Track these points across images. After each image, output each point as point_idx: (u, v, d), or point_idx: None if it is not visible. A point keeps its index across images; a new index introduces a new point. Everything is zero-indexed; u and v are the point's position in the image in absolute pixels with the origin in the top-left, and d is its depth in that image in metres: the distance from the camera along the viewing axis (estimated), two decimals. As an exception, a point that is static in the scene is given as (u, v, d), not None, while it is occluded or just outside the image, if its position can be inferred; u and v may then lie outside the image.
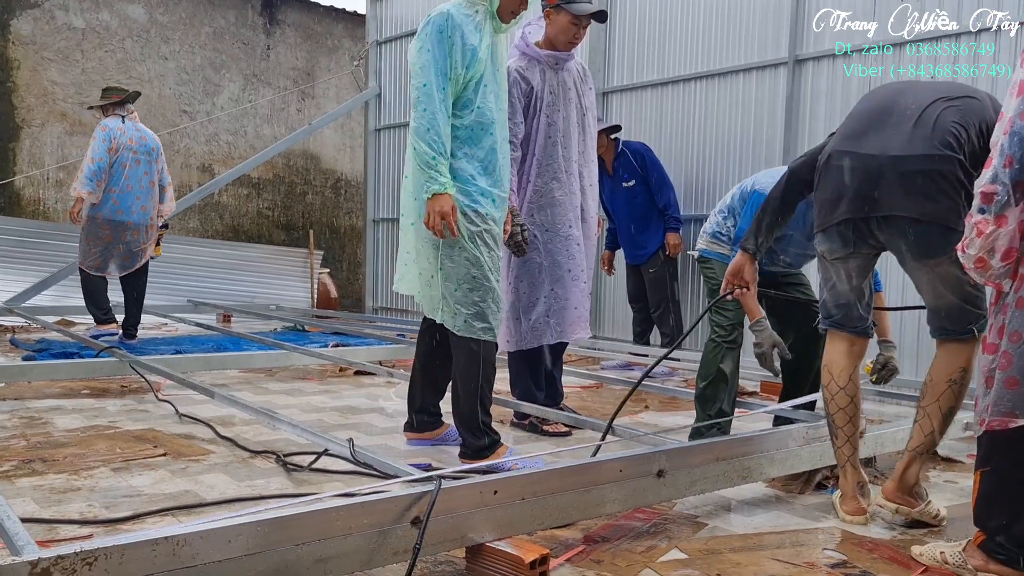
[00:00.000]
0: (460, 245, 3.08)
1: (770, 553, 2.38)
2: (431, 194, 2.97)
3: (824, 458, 3.00)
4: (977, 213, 2.03)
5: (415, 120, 2.99)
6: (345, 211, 12.26)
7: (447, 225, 2.98)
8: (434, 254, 3.12)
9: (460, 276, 3.09)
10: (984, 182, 2.01)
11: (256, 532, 1.75)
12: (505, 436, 3.51)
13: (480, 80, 3.09)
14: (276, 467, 3.15)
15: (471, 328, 3.11)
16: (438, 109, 2.98)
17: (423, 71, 2.99)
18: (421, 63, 3.00)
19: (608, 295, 7.30)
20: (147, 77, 10.45)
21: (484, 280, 3.11)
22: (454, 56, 3.01)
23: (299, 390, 4.97)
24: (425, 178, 2.98)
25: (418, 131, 2.98)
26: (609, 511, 2.45)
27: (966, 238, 2.06)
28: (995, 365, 2.08)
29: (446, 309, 3.13)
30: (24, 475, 2.95)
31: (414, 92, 3.00)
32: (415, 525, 1.98)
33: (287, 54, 11.56)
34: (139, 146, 6.32)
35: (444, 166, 2.98)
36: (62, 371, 4.52)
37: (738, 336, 3.53)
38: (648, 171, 5.93)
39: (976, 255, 2.03)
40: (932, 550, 2.29)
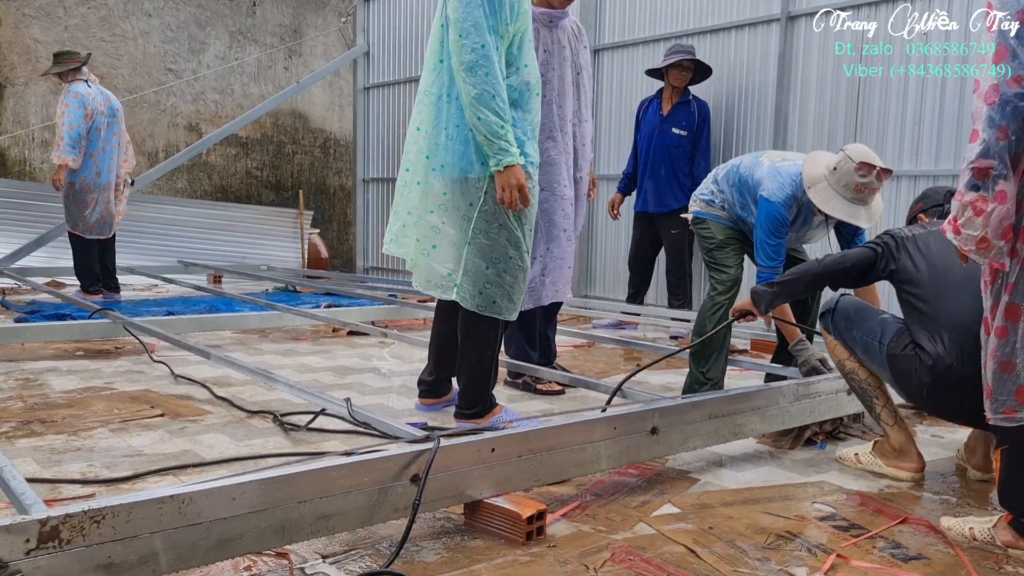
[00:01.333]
0: (502, 222, 2.91)
1: (761, 507, 2.43)
2: (504, 167, 2.80)
3: (814, 414, 3.06)
4: (970, 191, 1.90)
5: (475, 86, 2.75)
6: (334, 171, 12.17)
7: (522, 198, 2.83)
8: (464, 225, 2.93)
9: (496, 255, 2.93)
10: (975, 156, 1.88)
11: (259, 490, 1.78)
12: (499, 395, 3.55)
13: (523, 35, 2.91)
14: (273, 427, 3.18)
15: (497, 309, 2.98)
16: (499, 72, 2.78)
17: (476, 30, 2.74)
18: (473, 20, 2.74)
19: (599, 253, 7.32)
20: (131, 34, 10.28)
21: (520, 260, 2.97)
22: (503, 11, 2.80)
23: (293, 351, 4.99)
24: (493, 150, 2.79)
25: (481, 99, 2.74)
26: (603, 468, 2.50)
27: (958, 218, 1.94)
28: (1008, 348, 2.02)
29: (468, 287, 2.96)
30: (23, 436, 2.97)
31: (469, 54, 2.74)
32: (414, 482, 2.02)
33: (273, 10, 11.37)
34: (107, 109, 6.54)
35: (512, 135, 2.81)
36: (56, 333, 4.53)
37: (735, 293, 3.57)
38: (701, 131, 5.82)
39: (978, 235, 1.91)
40: (961, 525, 2.23)
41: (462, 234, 2.93)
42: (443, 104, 2.94)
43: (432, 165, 2.95)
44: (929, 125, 5.21)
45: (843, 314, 2.81)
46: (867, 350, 2.73)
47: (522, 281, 3.02)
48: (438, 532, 2.19)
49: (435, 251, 3.00)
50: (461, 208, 2.92)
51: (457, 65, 2.80)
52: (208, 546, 1.72)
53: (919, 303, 2.56)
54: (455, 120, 2.91)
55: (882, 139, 5.42)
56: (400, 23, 9.32)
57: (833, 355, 2.88)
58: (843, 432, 3.28)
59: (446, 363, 3.35)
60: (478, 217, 2.90)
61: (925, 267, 2.59)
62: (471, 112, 2.79)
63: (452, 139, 2.90)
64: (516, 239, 2.95)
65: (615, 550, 2.08)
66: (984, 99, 1.88)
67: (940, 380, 2.48)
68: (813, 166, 3.26)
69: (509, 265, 2.96)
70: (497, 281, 2.95)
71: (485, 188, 2.89)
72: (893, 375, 2.64)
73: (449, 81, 2.92)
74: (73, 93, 6.31)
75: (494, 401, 3.21)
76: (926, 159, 5.24)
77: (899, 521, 2.35)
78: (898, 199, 5.36)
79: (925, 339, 2.51)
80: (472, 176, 2.89)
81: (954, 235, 1.96)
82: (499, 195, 2.85)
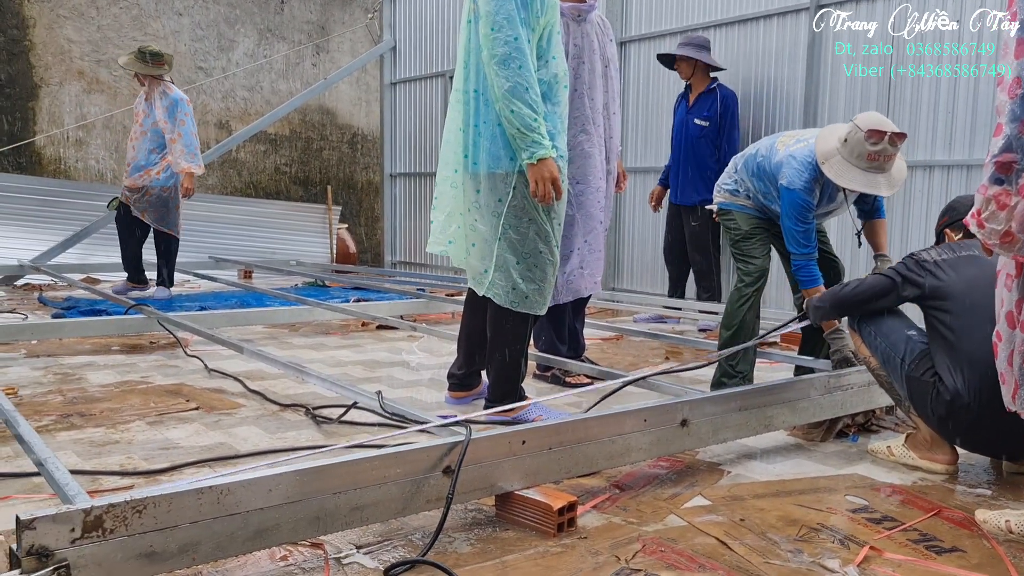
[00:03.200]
0: (531, 217, 2.91)
1: (793, 499, 2.43)
2: (536, 160, 2.79)
3: (845, 406, 3.04)
4: (993, 184, 1.87)
5: (508, 79, 2.74)
6: (362, 166, 12.24)
7: (555, 190, 2.83)
8: (494, 221, 2.94)
9: (527, 250, 2.94)
10: (998, 151, 1.85)
11: (295, 481, 1.81)
12: (528, 388, 3.56)
13: (552, 28, 2.90)
14: (305, 420, 3.22)
15: (529, 304, 2.99)
16: (531, 65, 2.76)
17: (509, 23, 2.73)
18: (505, 13, 2.74)
19: (627, 246, 7.30)
20: (162, 33, 10.40)
21: (550, 255, 2.98)
22: (534, 5, 2.80)
23: (323, 344, 5.04)
24: (526, 143, 2.78)
25: (515, 91, 2.74)
26: (634, 460, 2.51)
27: (981, 211, 1.91)
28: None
29: (500, 282, 2.97)
30: (63, 429, 3.04)
31: (502, 47, 2.74)
32: (447, 474, 2.04)
33: (301, 8, 11.45)
34: None
35: (544, 127, 2.80)
36: (93, 328, 4.61)
37: (763, 284, 3.55)
38: (725, 121, 5.75)
39: (1002, 229, 1.88)
40: (997, 518, 2.21)
41: (492, 230, 2.95)
42: (471, 100, 2.95)
43: (467, 164, 2.98)
44: (963, 113, 5.14)
45: (869, 318, 2.80)
46: (887, 362, 2.72)
47: (552, 276, 3.03)
48: (470, 523, 2.21)
49: (474, 249, 3.03)
50: (491, 204, 2.93)
51: (489, 58, 2.80)
52: (245, 536, 1.75)
53: (944, 330, 2.55)
54: (483, 116, 2.92)
55: (915, 128, 5.35)
56: (426, 18, 9.34)
57: (859, 351, 2.87)
58: (875, 424, 3.25)
59: (476, 356, 3.37)
60: (507, 212, 2.91)
61: (953, 294, 2.57)
62: (504, 105, 2.78)
63: (481, 135, 2.92)
64: (546, 233, 2.96)
65: (646, 542, 2.09)
66: (1008, 93, 1.86)
67: (954, 416, 2.50)
68: (825, 141, 3.21)
69: (539, 260, 2.97)
70: (528, 276, 2.96)
71: (514, 183, 2.90)
72: (910, 395, 2.66)
73: (475, 77, 2.93)
74: (181, 99, 6.45)
75: (524, 394, 3.22)
76: (960, 148, 5.17)
77: (933, 513, 2.33)
78: (931, 190, 5.29)
79: (946, 370, 2.51)
80: (500, 171, 2.90)
81: (978, 229, 1.93)
82: (532, 188, 2.85)
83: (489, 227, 2.95)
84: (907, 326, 2.74)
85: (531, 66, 2.78)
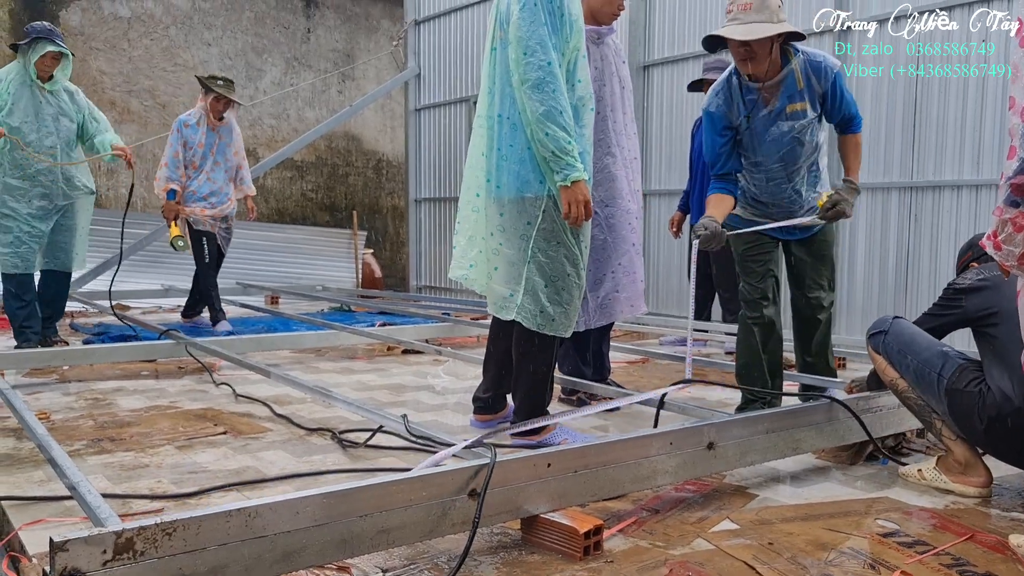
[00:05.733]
0: (560, 240, 2.92)
1: (822, 523, 2.40)
2: (571, 182, 2.81)
3: (874, 429, 3.00)
4: (1010, 207, 1.86)
5: (543, 103, 2.77)
6: (387, 191, 12.36)
7: (586, 212, 2.85)
8: (522, 244, 2.94)
9: (555, 273, 2.95)
10: (1013, 173, 1.85)
11: (322, 504, 1.82)
12: (554, 411, 3.55)
13: (579, 51, 2.94)
14: (332, 443, 3.24)
15: (555, 327, 3.00)
16: (564, 89, 2.80)
17: (543, 48, 2.77)
18: (538, 38, 2.77)
19: (653, 269, 7.29)
20: (191, 64, 10.61)
21: (577, 278, 2.99)
22: (564, 30, 2.84)
23: (349, 369, 5.07)
24: (560, 165, 2.80)
25: (549, 115, 2.77)
26: (660, 483, 2.49)
27: (997, 233, 1.91)
28: None
29: (529, 306, 2.97)
30: (94, 453, 3.08)
31: (535, 72, 2.77)
32: (473, 497, 2.04)
33: (327, 36, 11.64)
34: None
35: (576, 150, 2.83)
36: (123, 354, 4.67)
37: (764, 310, 3.42)
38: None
39: (1019, 251, 1.87)
40: None
41: (520, 253, 2.96)
42: (495, 125, 2.98)
43: (490, 188, 3.00)
44: (991, 130, 5.10)
45: (897, 338, 2.77)
46: (921, 379, 2.69)
47: (578, 298, 3.04)
48: (496, 547, 2.20)
49: (496, 273, 3.05)
50: (519, 228, 2.94)
51: (521, 83, 2.82)
52: (273, 559, 1.76)
53: (992, 340, 2.57)
54: (508, 140, 2.94)
55: (941, 146, 5.32)
56: (450, 45, 9.45)
57: (883, 375, 2.84)
58: (905, 447, 3.21)
59: (501, 380, 3.38)
60: (537, 235, 2.92)
61: (995, 306, 2.59)
62: (538, 128, 2.80)
63: (506, 159, 2.94)
64: (574, 256, 2.97)
65: (673, 565, 2.07)
66: (1020, 116, 1.85)
67: (1002, 420, 2.47)
68: None
69: (567, 283, 2.98)
70: (556, 299, 2.97)
71: (543, 207, 2.91)
72: (950, 408, 2.62)
73: (500, 102, 2.96)
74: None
75: (550, 417, 3.22)
76: (988, 167, 5.13)
77: (966, 538, 2.29)
78: (959, 210, 5.25)
79: (995, 377, 2.51)
80: (529, 195, 2.92)
81: (994, 251, 1.93)
82: (564, 210, 2.86)
83: (516, 250, 2.96)
84: (940, 343, 2.72)
85: (564, 89, 2.82)
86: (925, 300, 5.19)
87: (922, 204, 5.43)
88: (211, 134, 6.25)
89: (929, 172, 5.38)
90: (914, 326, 2.79)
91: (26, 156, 4.93)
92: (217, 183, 6.28)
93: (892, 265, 5.59)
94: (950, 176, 5.27)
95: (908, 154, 5.51)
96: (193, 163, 6.21)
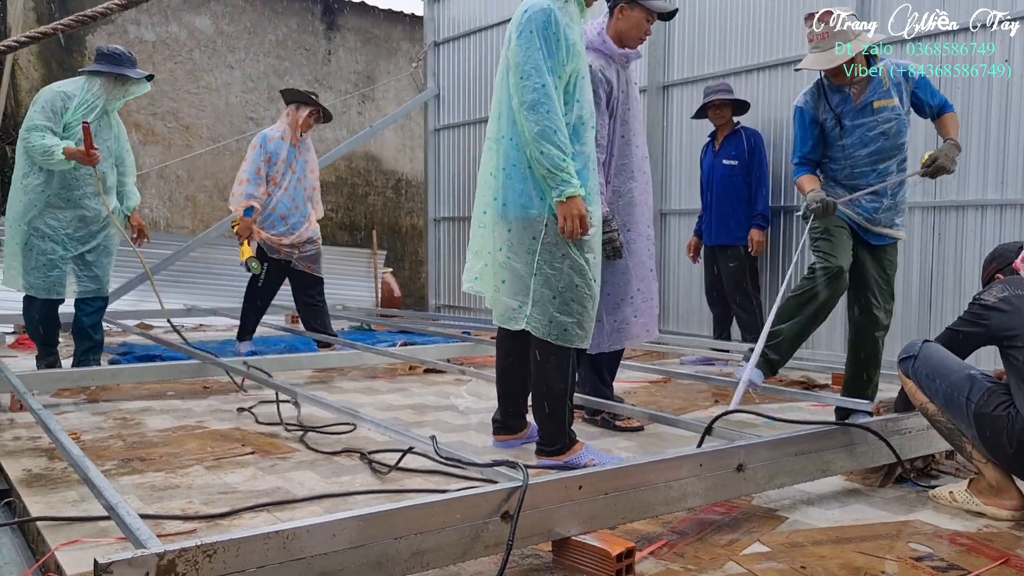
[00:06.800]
0: (564, 252, 3.03)
1: (854, 546, 2.39)
2: (566, 197, 2.93)
3: (903, 451, 2.99)
4: None
5: (537, 123, 2.91)
6: (406, 211, 12.42)
7: (582, 226, 2.95)
8: (528, 259, 3.05)
9: (562, 284, 3.04)
10: None
11: (358, 527, 1.84)
12: (579, 433, 3.56)
13: (579, 73, 3.06)
14: (360, 464, 3.25)
15: (568, 337, 3.06)
16: (558, 109, 2.94)
17: (537, 72, 2.92)
18: (533, 63, 2.92)
19: (672, 288, 7.28)
20: (214, 86, 10.75)
21: (586, 288, 3.06)
22: (560, 54, 2.97)
23: (372, 389, 5.09)
24: (555, 182, 2.93)
25: (543, 134, 2.90)
26: (690, 505, 2.49)
27: None
28: None
29: (538, 316, 3.06)
30: (125, 473, 3.11)
31: (531, 94, 2.92)
32: (505, 520, 2.05)
33: (347, 58, 11.76)
34: None
35: (572, 167, 2.95)
36: (150, 373, 4.72)
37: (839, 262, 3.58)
38: (753, 158, 5.82)
39: None
40: None
41: (528, 267, 3.06)
42: (501, 147, 3.10)
43: (497, 206, 3.11)
44: (1015, 149, 5.07)
45: (926, 362, 2.77)
46: (950, 403, 2.68)
47: (591, 309, 3.10)
48: (527, 569, 2.21)
49: (504, 286, 3.13)
50: (525, 243, 3.05)
51: (519, 105, 2.96)
52: (310, 581, 1.77)
53: (1017, 363, 2.55)
54: (512, 160, 3.06)
55: (964, 166, 5.30)
56: (469, 66, 9.53)
57: (913, 399, 2.84)
58: (935, 469, 3.18)
59: (512, 397, 3.43)
60: (542, 249, 3.03)
61: (1018, 328, 2.58)
62: (534, 147, 2.93)
63: (511, 178, 3.06)
64: (580, 267, 3.05)
65: (706, 589, 2.07)
66: None
67: None
68: None
69: (576, 293, 3.05)
70: (565, 310, 3.05)
71: (546, 221, 3.03)
72: (979, 432, 2.61)
73: (505, 125, 3.08)
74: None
75: (575, 438, 3.22)
76: (1013, 187, 5.10)
77: (1001, 562, 2.27)
78: (983, 230, 5.22)
79: (1022, 398, 2.49)
80: (533, 212, 3.03)
81: None
82: (560, 224, 2.97)
83: (524, 264, 3.07)
84: (967, 367, 2.71)
85: (558, 110, 2.94)
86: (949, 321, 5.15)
87: (946, 224, 5.41)
88: (292, 149, 6.02)
89: (952, 192, 5.36)
90: (943, 350, 2.78)
91: (78, 177, 4.71)
92: (296, 200, 6.02)
93: (916, 286, 5.55)
94: (974, 196, 5.25)
95: (930, 173, 5.49)
96: (274, 179, 5.93)
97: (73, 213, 4.80)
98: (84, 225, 4.84)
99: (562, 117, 2.95)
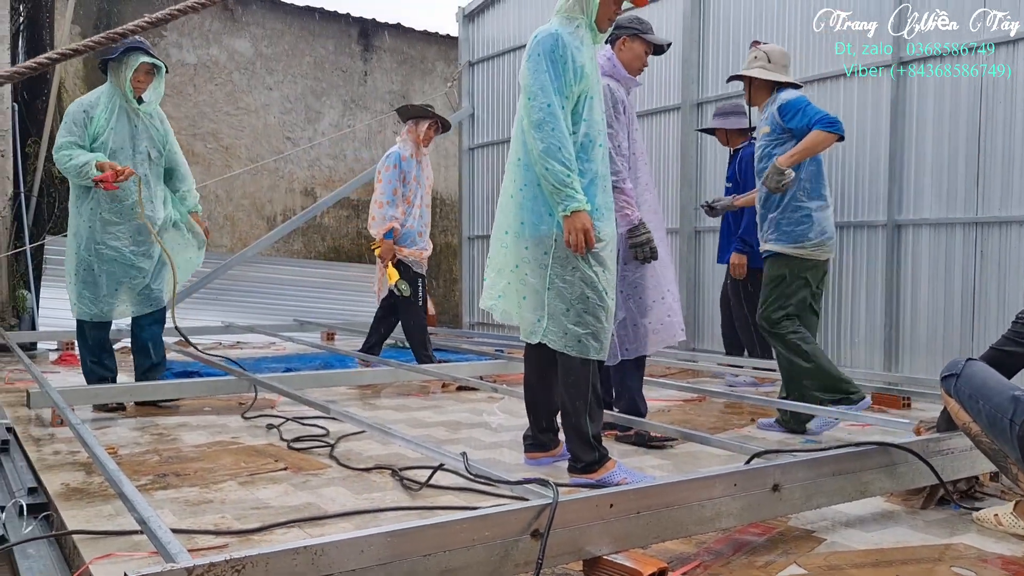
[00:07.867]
0: (575, 265, 3.10)
1: (895, 569, 2.32)
2: (570, 212, 3.02)
3: (945, 472, 2.91)
4: None
5: (542, 141, 3.02)
6: (440, 229, 12.48)
7: (587, 241, 3.03)
8: (542, 273, 3.14)
9: (574, 296, 3.11)
10: None
11: (386, 543, 1.83)
12: (611, 450, 3.52)
13: (588, 94, 3.16)
14: (391, 480, 3.25)
15: (583, 348, 3.12)
16: (564, 128, 3.04)
17: (544, 92, 3.04)
18: (540, 84, 3.05)
19: (706, 306, 7.21)
20: (253, 107, 10.93)
21: (599, 300, 3.13)
22: (567, 75, 3.07)
23: (405, 406, 5.10)
24: (560, 197, 3.02)
25: (548, 151, 3.01)
26: (724, 526, 2.44)
27: None
28: None
29: (553, 329, 3.14)
30: (160, 488, 3.14)
31: (537, 113, 3.05)
32: (535, 538, 2.03)
33: (383, 79, 11.90)
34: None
35: (578, 183, 3.04)
36: (187, 390, 4.77)
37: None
38: (746, 180, 5.84)
39: None
40: None
41: (542, 282, 3.15)
42: (518, 169, 3.21)
43: (516, 226, 3.21)
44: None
45: (969, 382, 2.69)
46: (994, 425, 2.60)
47: (605, 320, 3.16)
48: (558, 589, 2.18)
49: (525, 302, 3.23)
50: (539, 258, 3.15)
51: (528, 125, 3.09)
52: (338, 597, 1.77)
53: None
54: (524, 180, 3.17)
55: (1008, 184, 5.19)
56: (502, 85, 9.59)
57: (956, 418, 2.76)
58: (979, 491, 3.09)
59: (540, 413, 3.49)
60: (553, 263, 3.12)
61: None
62: (540, 165, 3.04)
63: (526, 198, 3.17)
64: (591, 279, 3.11)
65: (741, 612, 2.03)
66: None
67: None
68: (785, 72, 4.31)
69: (588, 305, 3.12)
70: (579, 321, 3.11)
71: (555, 237, 3.12)
72: (1023, 455, 2.52)
73: (520, 147, 3.19)
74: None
75: (607, 455, 3.20)
76: (1057, 202, 4.99)
77: (1049, 588, 2.19)
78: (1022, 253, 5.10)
79: None
80: (544, 228, 3.13)
81: None
82: (565, 238, 3.05)
83: (539, 279, 3.16)
84: (1012, 387, 2.63)
85: (564, 128, 3.04)
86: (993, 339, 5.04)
87: (989, 240, 5.30)
88: (417, 165, 5.99)
89: (995, 207, 5.26)
90: (987, 368, 2.71)
91: (124, 187, 4.54)
92: (424, 217, 5.99)
93: (958, 303, 5.44)
94: (1017, 212, 5.13)
95: (972, 189, 5.39)
96: (407, 198, 5.89)
97: (129, 226, 4.66)
98: (144, 238, 4.71)
99: (568, 135, 3.05)
